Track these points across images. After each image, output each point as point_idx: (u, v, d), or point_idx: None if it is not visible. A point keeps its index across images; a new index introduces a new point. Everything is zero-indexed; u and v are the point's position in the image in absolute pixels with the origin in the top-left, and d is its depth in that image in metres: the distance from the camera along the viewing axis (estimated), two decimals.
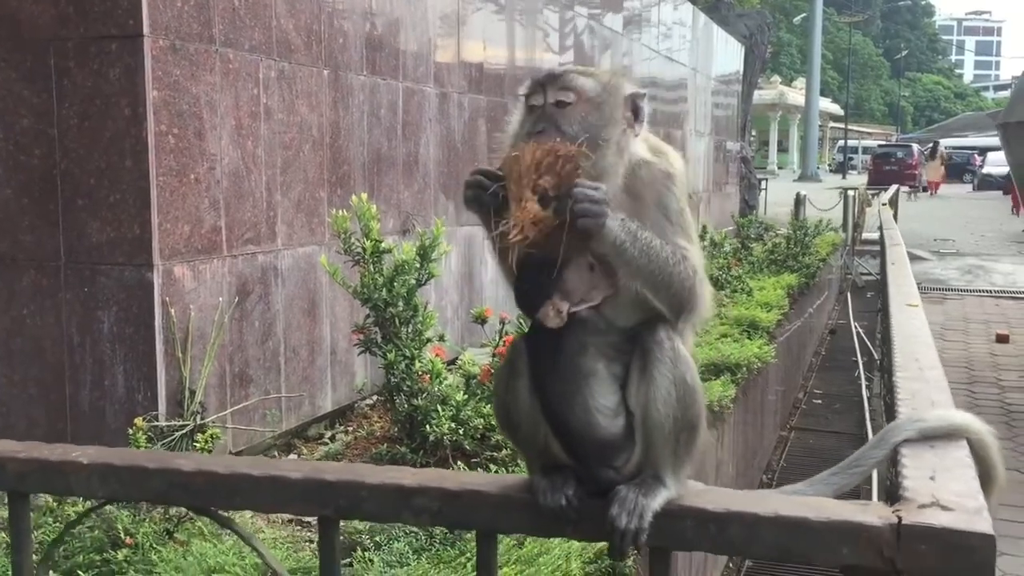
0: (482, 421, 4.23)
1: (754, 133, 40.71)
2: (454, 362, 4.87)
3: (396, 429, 4.56)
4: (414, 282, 4.49)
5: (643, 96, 1.69)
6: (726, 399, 4.88)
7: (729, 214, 16.19)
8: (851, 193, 17.45)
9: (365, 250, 4.46)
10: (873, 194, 21.55)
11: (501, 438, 4.00)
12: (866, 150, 59.15)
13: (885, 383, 3.37)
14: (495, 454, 4.13)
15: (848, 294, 14.41)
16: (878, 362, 8.32)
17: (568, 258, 1.57)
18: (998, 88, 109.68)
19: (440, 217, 5.63)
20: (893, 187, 20.19)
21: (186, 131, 4.37)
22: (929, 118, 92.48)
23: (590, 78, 1.65)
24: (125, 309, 4.25)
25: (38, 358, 4.39)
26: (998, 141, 14.71)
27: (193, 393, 4.31)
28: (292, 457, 4.82)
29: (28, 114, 4.31)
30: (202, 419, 4.28)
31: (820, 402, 9.66)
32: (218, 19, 4.55)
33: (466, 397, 4.32)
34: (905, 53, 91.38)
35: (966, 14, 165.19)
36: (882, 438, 1.76)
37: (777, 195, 24.11)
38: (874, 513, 1.34)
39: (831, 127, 70.22)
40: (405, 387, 4.39)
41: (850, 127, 63.98)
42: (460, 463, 4.00)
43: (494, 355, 4.45)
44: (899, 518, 1.32)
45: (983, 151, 46.75)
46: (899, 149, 45.38)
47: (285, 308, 5.10)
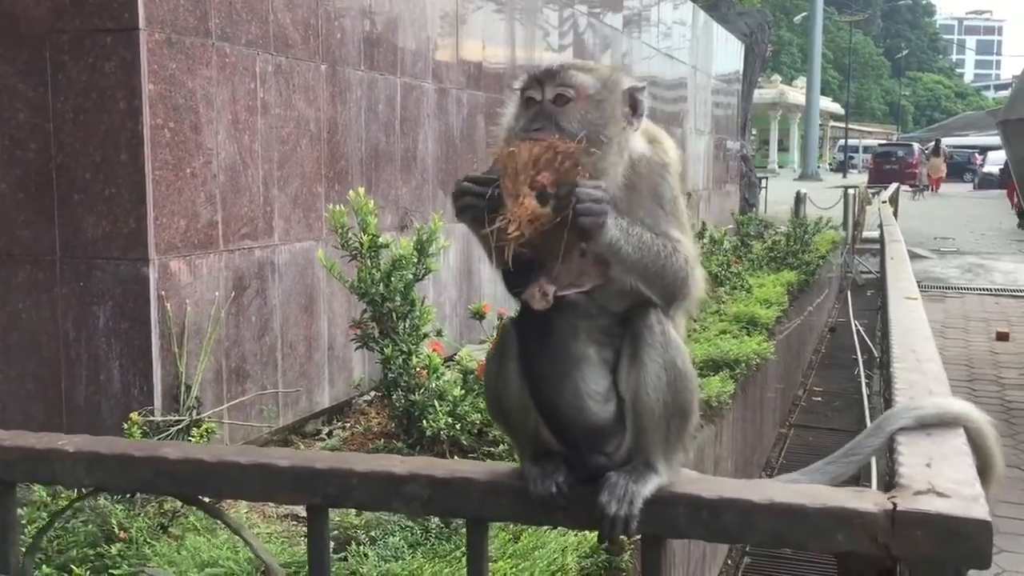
0: (479, 416, 4.21)
1: (755, 132, 40.72)
2: (452, 358, 4.85)
3: (393, 425, 4.55)
4: (411, 277, 4.47)
5: (642, 90, 1.67)
6: (724, 395, 4.86)
7: (729, 212, 16.17)
8: (851, 192, 17.42)
9: (362, 245, 4.45)
10: (873, 192, 21.51)
11: (498, 433, 3.99)
12: (867, 149, 59.15)
13: (883, 376, 3.35)
14: (492, 449, 4.12)
15: (848, 292, 14.39)
16: (878, 359, 8.30)
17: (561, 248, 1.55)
18: (999, 87, 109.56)
19: (438, 212, 5.62)
20: (893, 185, 20.15)
21: (182, 125, 4.35)
22: (930, 117, 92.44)
23: (589, 74, 1.63)
24: (121, 304, 4.24)
25: (34, 353, 4.37)
26: (998, 140, 14.68)
27: (189, 388, 4.29)
28: None
29: (24, 108, 4.29)
30: (198, 414, 4.27)
31: (820, 399, 9.65)
32: (214, 13, 4.53)
33: (463, 392, 4.31)
34: (906, 52, 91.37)
35: (967, 13, 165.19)
36: (879, 426, 1.74)
37: (778, 194, 24.09)
38: (869, 500, 1.32)
39: (832, 126, 70.23)
40: (402, 382, 4.37)
41: (851, 126, 63.95)
42: (457, 459, 3.99)
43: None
44: (894, 504, 1.30)
45: (983, 150, 46.75)
46: (900, 148, 45.43)
47: (282, 303, 5.08)
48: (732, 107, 18.99)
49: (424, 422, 4.19)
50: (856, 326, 11.27)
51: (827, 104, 60.61)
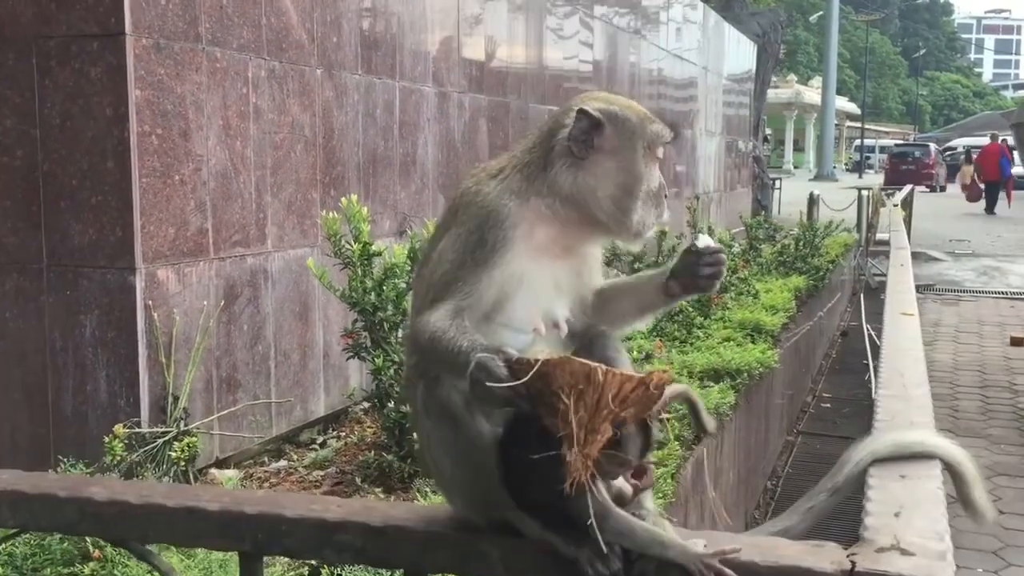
0: None
1: (769, 132, 40.49)
2: None
3: (385, 436, 4.46)
4: (404, 286, 4.38)
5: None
6: (724, 406, 4.75)
7: (738, 214, 16.02)
8: (865, 193, 17.22)
9: (354, 252, 4.37)
10: (888, 194, 21.27)
11: None
12: (883, 149, 58.81)
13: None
14: None
15: (861, 295, 14.21)
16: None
17: None
18: (1017, 87, 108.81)
19: (436, 219, 5.53)
20: (907, 187, 19.92)
21: (170, 131, 4.29)
22: (947, 117, 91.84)
23: None
24: (107, 313, 4.17)
25: (20, 362, 4.31)
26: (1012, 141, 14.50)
27: (177, 399, 4.23)
28: (281, 463, 4.73)
29: (10, 114, 4.23)
30: (186, 425, 4.20)
31: (829, 406, 9.49)
32: (204, 17, 4.46)
33: None
34: (923, 52, 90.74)
35: (985, 12, 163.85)
36: (839, 467, 1.66)
37: (792, 194, 23.87)
38: (826, 557, 1.22)
39: (848, 126, 69.86)
40: (394, 393, 4.29)
41: (867, 126, 63.63)
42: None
43: None
44: (852, 564, 1.20)
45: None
46: (916, 148, 45.08)
47: (275, 311, 5.01)
48: (744, 108, 18.83)
49: (414, 435, 4.10)
50: (868, 330, 11.09)
51: (843, 104, 60.27)
